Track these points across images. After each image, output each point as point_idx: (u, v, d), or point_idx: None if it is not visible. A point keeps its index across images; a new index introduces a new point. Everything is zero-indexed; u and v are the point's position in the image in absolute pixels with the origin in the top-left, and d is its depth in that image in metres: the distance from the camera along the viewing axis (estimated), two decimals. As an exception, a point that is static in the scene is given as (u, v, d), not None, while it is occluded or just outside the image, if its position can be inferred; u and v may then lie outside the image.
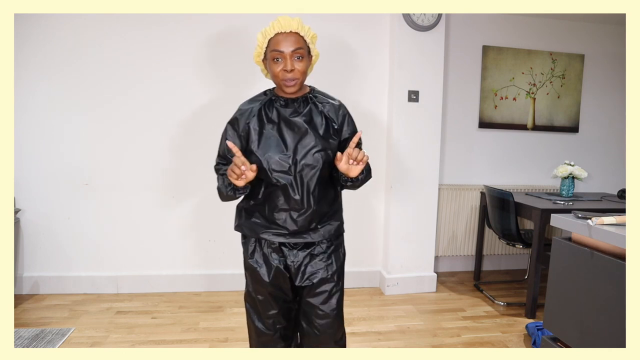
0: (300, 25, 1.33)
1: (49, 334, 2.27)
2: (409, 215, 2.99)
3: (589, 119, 3.58)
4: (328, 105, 1.42)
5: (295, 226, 1.37)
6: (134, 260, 2.89)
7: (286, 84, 1.33)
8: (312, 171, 1.34)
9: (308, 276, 1.42)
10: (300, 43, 1.32)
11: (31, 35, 2.63)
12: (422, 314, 2.70)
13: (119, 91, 2.74)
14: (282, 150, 1.34)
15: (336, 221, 1.46)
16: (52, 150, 2.73)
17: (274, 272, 1.41)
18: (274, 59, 1.32)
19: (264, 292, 1.44)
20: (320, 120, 1.39)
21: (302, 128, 1.36)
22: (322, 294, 1.43)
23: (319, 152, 1.34)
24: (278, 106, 1.40)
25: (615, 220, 1.43)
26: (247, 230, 1.44)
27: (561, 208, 2.65)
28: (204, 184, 2.88)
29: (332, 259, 1.44)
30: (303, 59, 1.33)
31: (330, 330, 1.45)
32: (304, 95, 1.42)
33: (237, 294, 2.91)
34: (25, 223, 2.77)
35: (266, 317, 1.47)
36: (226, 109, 2.86)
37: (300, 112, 1.39)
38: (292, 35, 1.31)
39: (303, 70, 1.33)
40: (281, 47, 1.30)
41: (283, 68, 1.31)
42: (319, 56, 1.45)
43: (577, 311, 1.50)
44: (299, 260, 1.42)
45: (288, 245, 1.42)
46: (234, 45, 2.80)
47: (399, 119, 2.90)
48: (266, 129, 1.37)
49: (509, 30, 3.36)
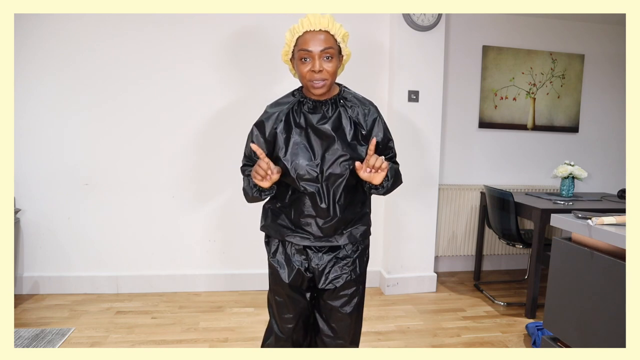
0: (331, 23, 1.27)
1: (49, 334, 2.27)
2: (409, 215, 2.99)
3: (589, 119, 3.58)
4: (358, 109, 1.36)
5: (320, 233, 1.36)
6: (134, 260, 2.89)
7: (314, 85, 1.28)
8: (338, 180, 1.32)
9: (332, 280, 1.40)
10: (329, 42, 1.26)
11: (32, 35, 2.63)
12: (422, 314, 2.70)
13: (119, 91, 2.74)
14: (309, 158, 1.31)
15: (363, 225, 1.43)
16: (52, 150, 2.73)
17: (295, 274, 1.40)
18: (302, 59, 1.27)
19: (282, 293, 1.43)
20: (348, 126, 1.34)
21: (329, 136, 1.32)
22: (344, 297, 1.42)
23: (346, 161, 1.31)
24: (306, 111, 1.35)
25: (615, 220, 1.43)
26: (272, 232, 1.43)
27: (561, 208, 2.65)
28: (204, 184, 2.88)
29: (356, 264, 1.43)
30: (332, 59, 1.28)
31: (347, 332, 1.45)
32: (333, 98, 1.36)
33: (237, 294, 2.91)
34: (25, 223, 2.77)
35: (282, 321, 1.45)
36: (226, 109, 2.87)
37: (329, 117, 1.34)
38: (321, 33, 1.25)
39: (332, 71, 1.28)
40: (309, 46, 1.25)
41: (311, 68, 1.26)
42: (350, 56, 1.39)
43: (577, 311, 1.50)
44: (323, 263, 1.40)
45: (313, 248, 1.40)
46: (234, 45, 2.81)
47: (399, 119, 2.90)
48: (293, 136, 1.33)
49: (509, 30, 3.36)
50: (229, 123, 2.85)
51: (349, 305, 1.42)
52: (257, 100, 2.86)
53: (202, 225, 2.93)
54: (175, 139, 2.83)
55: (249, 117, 2.86)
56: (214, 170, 2.88)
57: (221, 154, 2.86)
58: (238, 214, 2.91)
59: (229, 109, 2.86)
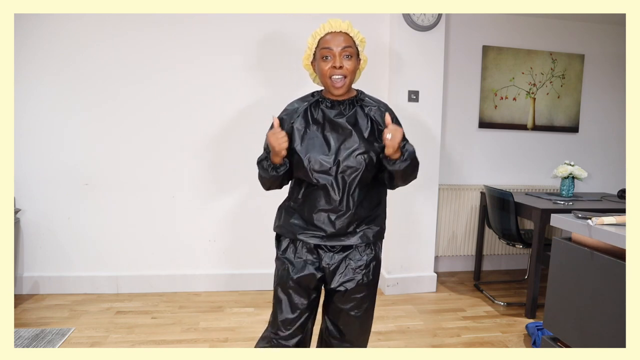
0: (350, 27, 1.36)
1: (49, 334, 2.27)
2: (409, 215, 2.99)
3: (589, 119, 3.58)
4: (375, 109, 1.42)
5: (333, 228, 1.36)
6: (133, 260, 2.89)
7: (335, 83, 1.33)
8: (354, 173, 1.33)
9: (343, 282, 1.39)
10: (349, 42, 1.34)
11: (32, 35, 2.62)
12: (422, 314, 2.70)
13: (119, 91, 2.74)
14: (324, 151, 1.34)
15: (377, 226, 1.44)
16: (52, 150, 2.73)
17: (303, 271, 1.39)
18: (323, 57, 1.34)
19: (286, 291, 1.42)
20: (365, 122, 1.38)
21: (346, 129, 1.36)
22: (354, 300, 1.41)
23: (362, 154, 1.33)
24: (324, 107, 1.40)
25: (615, 220, 1.43)
26: (285, 231, 1.43)
27: (561, 208, 2.65)
28: (204, 184, 2.88)
29: (370, 268, 1.42)
30: (352, 58, 1.35)
31: (355, 336, 1.45)
32: (351, 99, 1.41)
33: (237, 294, 2.91)
34: (25, 223, 2.77)
35: (283, 322, 1.42)
36: (226, 110, 2.87)
37: (346, 114, 1.39)
38: (341, 34, 1.34)
39: (352, 69, 1.34)
40: (331, 44, 1.32)
41: (332, 65, 1.32)
42: (367, 61, 1.46)
43: (577, 311, 1.50)
44: (334, 263, 1.40)
45: (325, 248, 1.40)
46: (234, 45, 2.81)
47: (399, 119, 2.88)
48: (310, 129, 1.37)
49: (509, 30, 3.36)
50: (229, 123, 2.85)
51: (358, 309, 1.42)
52: (259, 101, 2.87)
53: (202, 225, 2.93)
54: (175, 139, 2.83)
55: (250, 118, 2.89)
56: (214, 170, 2.88)
57: (221, 154, 2.86)
58: (238, 214, 2.91)
59: (229, 109, 2.86)
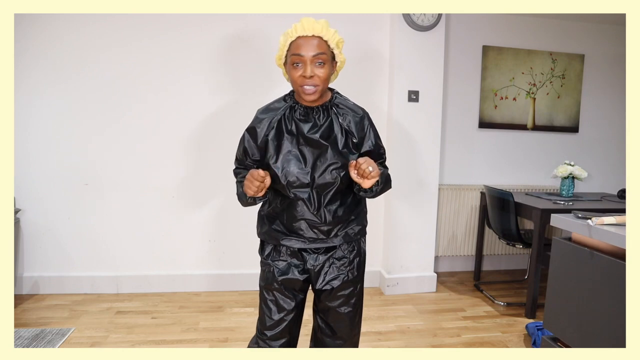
0: (325, 28, 1.26)
1: (49, 334, 2.27)
2: (409, 215, 2.99)
3: (589, 119, 3.58)
4: (349, 117, 1.36)
5: (314, 235, 1.37)
6: (134, 260, 2.89)
7: (305, 91, 1.27)
8: (329, 188, 1.32)
9: (329, 280, 1.40)
10: (322, 48, 1.25)
11: (34, 37, 2.62)
12: (422, 314, 2.70)
13: (119, 91, 2.74)
14: (300, 166, 1.31)
15: (358, 225, 1.43)
16: (52, 150, 2.73)
17: (287, 276, 1.39)
18: (294, 64, 1.26)
19: (270, 294, 1.43)
20: (340, 134, 1.34)
21: (321, 144, 1.32)
22: (341, 297, 1.41)
23: (337, 169, 1.31)
24: (297, 118, 1.34)
25: (615, 220, 1.43)
26: (268, 238, 1.43)
27: (561, 208, 2.65)
28: (204, 184, 2.88)
29: (354, 264, 1.43)
30: (325, 65, 1.26)
31: (346, 332, 1.45)
32: (325, 104, 1.36)
33: (237, 294, 2.91)
34: (26, 223, 2.77)
35: (269, 323, 1.42)
36: (226, 111, 2.87)
37: (320, 124, 1.34)
38: (314, 39, 1.25)
39: (324, 77, 1.27)
40: (301, 51, 1.24)
41: (302, 74, 1.25)
42: (344, 62, 1.37)
43: (577, 311, 1.50)
44: (319, 263, 1.40)
45: (308, 250, 1.40)
46: (231, 48, 2.81)
47: (399, 119, 2.90)
48: (285, 143, 1.33)
49: (509, 30, 3.36)
50: (228, 125, 2.84)
51: (346, 305, 1.43)
52: (254, 102, 2.87)
53: (202, 225, 2.93)
54: (175, 139, 2.83)
55: (247, 119, 2.89)
56: (214, 170, 2.88)
57: (221, 155, 2.86)
58: (238, 214, 2.91)
59: (229, 110, 2.85)
